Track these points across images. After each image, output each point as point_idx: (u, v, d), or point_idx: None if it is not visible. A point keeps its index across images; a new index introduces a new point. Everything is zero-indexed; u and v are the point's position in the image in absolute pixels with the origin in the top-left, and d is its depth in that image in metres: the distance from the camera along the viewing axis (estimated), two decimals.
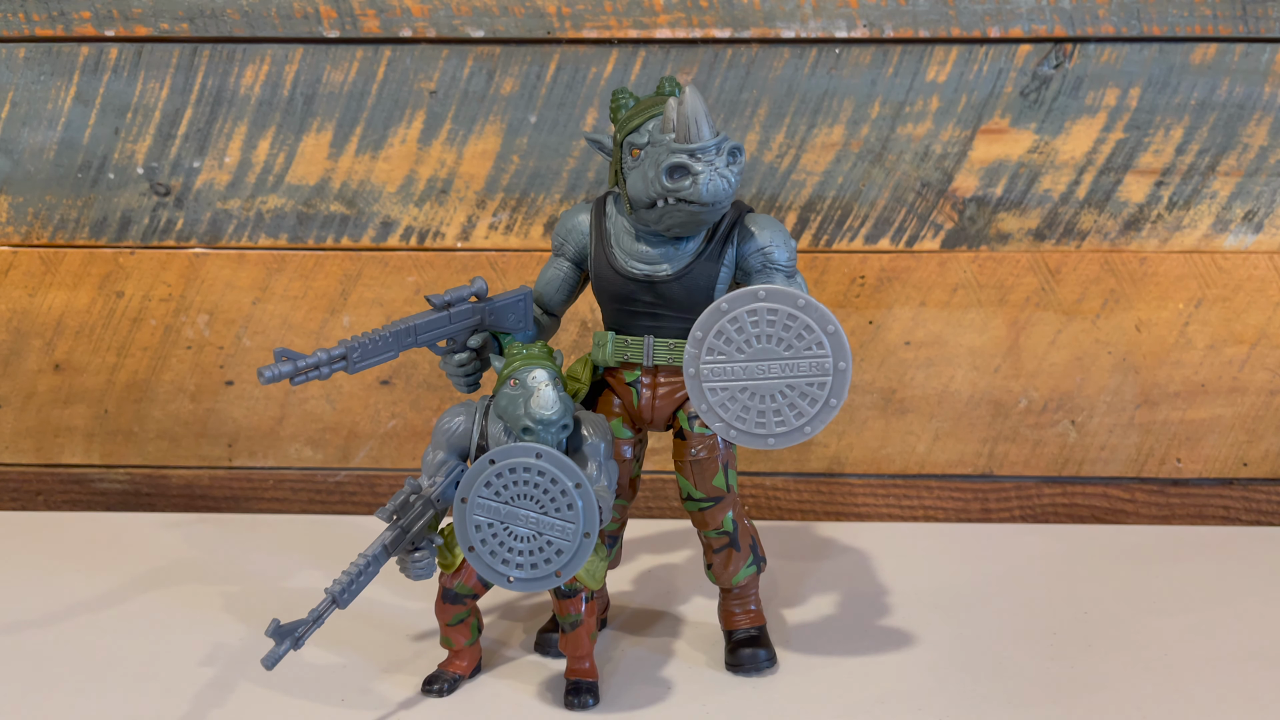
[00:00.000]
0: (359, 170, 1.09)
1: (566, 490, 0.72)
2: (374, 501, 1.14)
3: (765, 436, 0.74)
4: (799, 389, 0.73)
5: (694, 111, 0.73)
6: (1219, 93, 1.03)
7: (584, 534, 0.72)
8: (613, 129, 0.81)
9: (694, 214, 0.75)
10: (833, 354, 0.72)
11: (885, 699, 0.80)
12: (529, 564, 0.73)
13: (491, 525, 0.73)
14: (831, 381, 0.72)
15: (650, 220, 0.77)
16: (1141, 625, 0.89)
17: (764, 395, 0.73)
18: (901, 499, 1.11)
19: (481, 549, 0.73)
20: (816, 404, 0.73)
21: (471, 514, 0.73)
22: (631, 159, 0.78)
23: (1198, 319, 1.07)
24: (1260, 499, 1.09)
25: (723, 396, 0.74)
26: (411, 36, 1.06)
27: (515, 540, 0.73)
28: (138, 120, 1.09)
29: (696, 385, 0.74)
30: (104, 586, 0.96)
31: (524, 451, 0.72)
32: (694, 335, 0.74)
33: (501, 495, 0.72)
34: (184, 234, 1.11)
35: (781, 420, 0.74)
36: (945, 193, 1.06)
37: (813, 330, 0.72)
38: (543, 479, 0.72)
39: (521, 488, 0.72)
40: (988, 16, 1.03)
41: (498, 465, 0.72)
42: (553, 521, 0.72)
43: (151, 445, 1.14)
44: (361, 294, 1.11)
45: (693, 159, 0.73)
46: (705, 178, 0.73)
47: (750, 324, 0.73)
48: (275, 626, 0.72)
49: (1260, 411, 1.08)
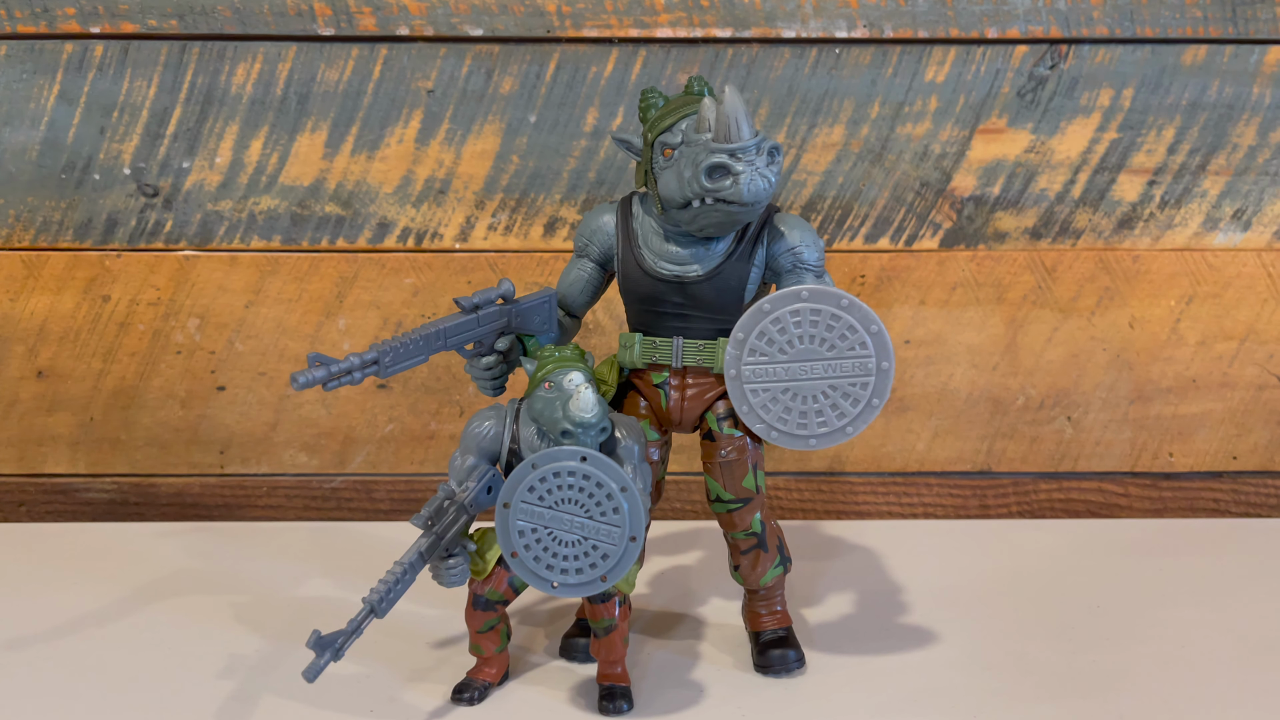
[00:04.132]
0: (355, 170, 1.07)
1: (612, 494, 0.71)
2: (371, 508, 1.12)
3: (807, 437, 0.74)
4: (841, 389, 0.73)
5: (734, 110, 0.73)
6: (1209, 93, 1.06)
7: (630, 538, 0.71)
8: (642, 129, 0.80)
9: (732, 214, 0.74)
10: (876, 353, 0.72)
11: (917, 698, 0.80)
12: (574, 569, 0.72)
13: (535, 530, 0.72)
14: (874, 381, 0.73)
15: (683, 220, 0.77)
16: (1154, 618, 0.90)
17: (806, 396, 0.73)
18: (901, 496, 1.12)
19: (525, 554, 0.72)
20: (859, 404, 0.73)
21: (514, 519, 0.72)
22: (664, 159, 0.77)
23: (1189, 315, 1.09)
24: (1249, 491, 1.12)
25: (764, 398, 0.74)
26: (409, 35, 1.04)
27: (559, 545, 0.72)
28: (124, 119, 1.06)
29: (738, 386, 0.74)
30: (105, 599, 0.94)
31: (568, 455, 0.71)
32: (735, 336, 0.74)
33: (545, 500, 0.72)
34: (173, 236, 1.08)
35: (823, 421, 0.73)
36: (944, 192, 1.07)
37: (856, 330, 0.72)
38: (588, 483, 0.71)
39: (566, 492, 0.71)
40: (985, 17, 1.04)
41: (541, 470, 0.71)
42: (598, 526, 0.71)
43: (139, 453, 1.11)
44: (358, 296, 1.09)
45: (733, 159, 0.73)
46: (746, 178, 0.73)
47: (793, 324, 0.73)
48: (316, 638, 0.70)
49: (1249, 406, 1.10)
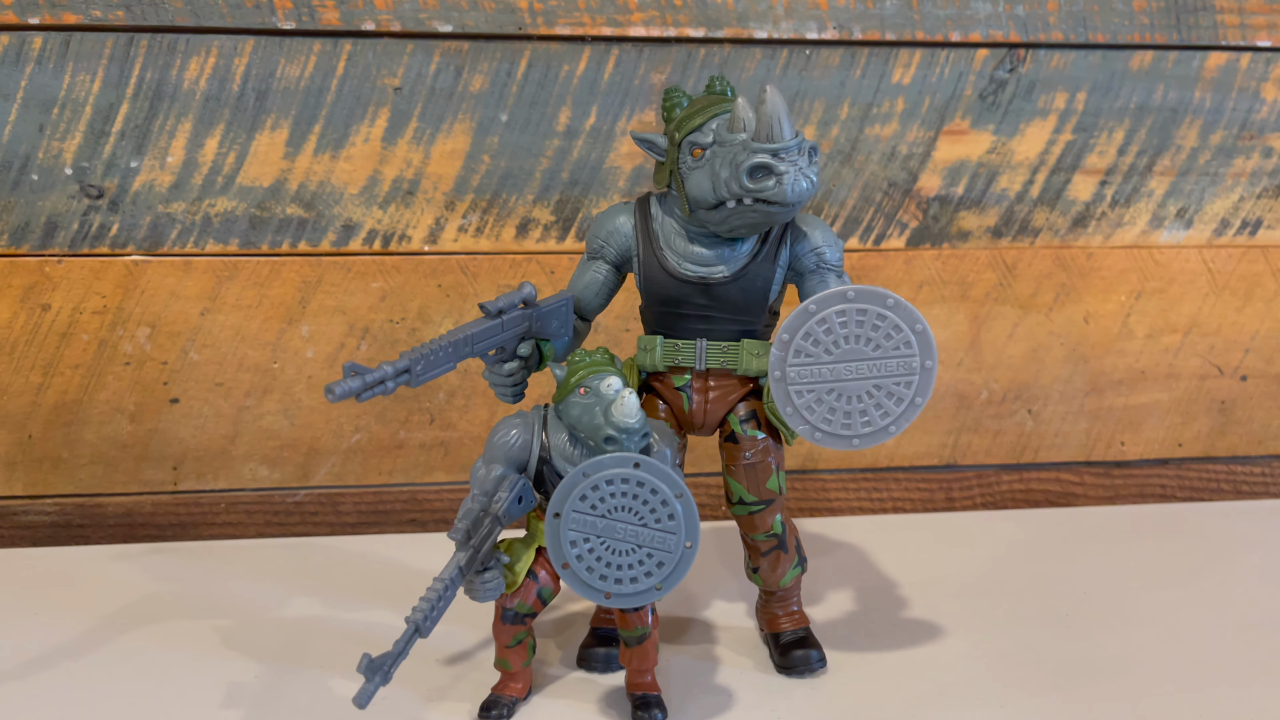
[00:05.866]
0: (318, 171, 1.03)
1: (667, 500, 0.70)
2: (337, 521, 1.08)
3: (850, 437, 0.74)
4: (885, 388, 0.73)
5: (776, 111, 0.73)
6: (1155, 97, 1.10)
7: (685, 544, 0.70)
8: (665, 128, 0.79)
9: (771, 214, 0.74)
10: (920, 352, 0.73)
11: (944, 691, 0.81)
12: (629, 578, 0.70)
13: (588, 540, 0.70)
14: (918, 380, 0.73)
15: (712, 221, 0.76)
16: (1139, 602, 0.94)
17: (850, 396, 0.73)
18: (872, 492, 1.13)
19: (577, 565, 0.70)
20: (902, 403, 0.73)
21: (566, 529, 0.70)
22: (693, 159, 0.76)
23: (1138, 310, 1.13)
24: (1193, 477, 1.17)
25: (809, 399, 0.73)
26: (374, 30, 1.01)
27: (613, 555, 0.70)
28: (65, 116, 1.00)
29: (782, 388, 0.73)
30: (73, 629, 0.88)
31: (620, 462, 0.69)
32: (780, 338, 0.73)
33: (598, 509, 0.70)
34: (120, 240, 1.02)
35: (867, 420, 0.74)
36: (910, 192, 1.09)
37: (901, 330, 0.72)
38: (642, 489, 0.70)
39: (620, 499, 0.70)
40: (949, 21, 1.06)
41: (593, 478, 0.69)
42: (653, 533, 0.70)
43: (84, 472, 1.04)
44: (322, 302, 1.05)
45: (776, 159, 0.72)
46: (790, 178, 0.72)
47: (839, 324, 0.72)
48: (368, 662, 0.67)
49: (1193, 395, 1.15)
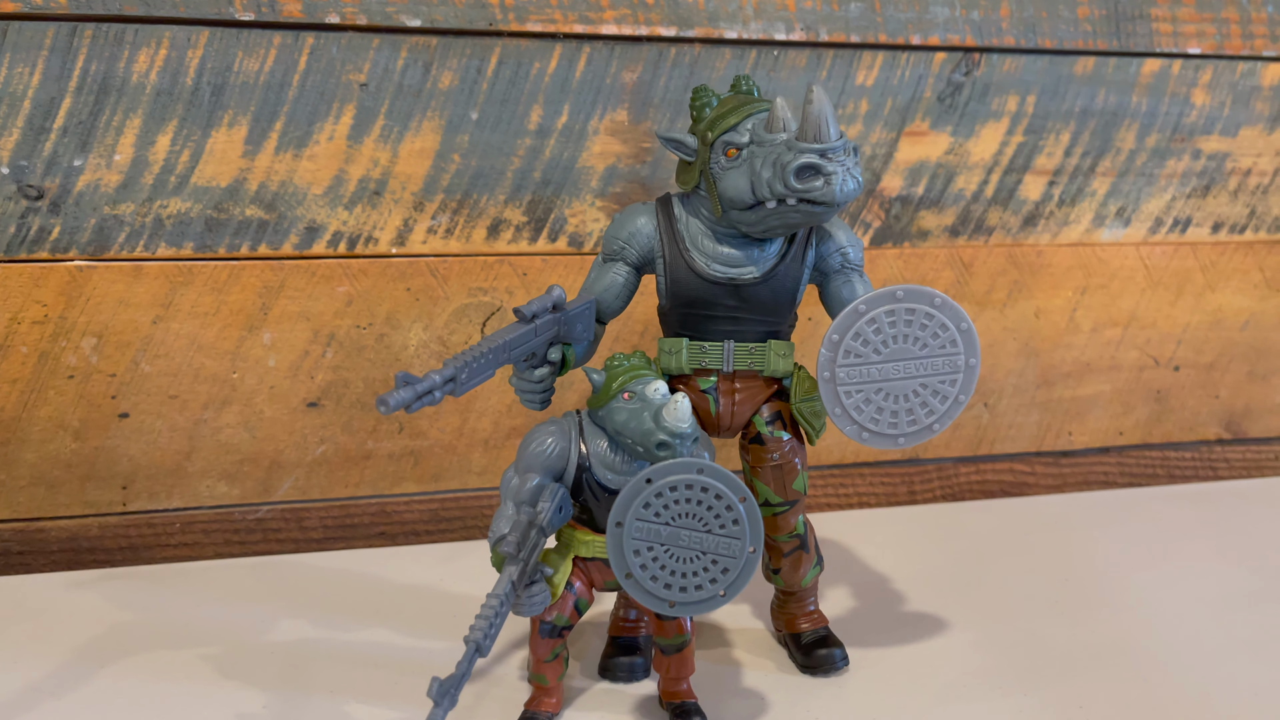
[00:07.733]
0: (279, 170, 0.98)
1: (732, 505, 0.68)
2: (302, 538, 1.02)
3: (896, 436, 0.74)
4: (931, 387, 0.74)
5: (822, 111, 0.72)
6: (1097, 101, 1.14)
7: (750, 550, 0.69)
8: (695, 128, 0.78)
9: (814, 214, 0.73)
10: (965, 350, 0.73)
11: (966, 681, 0.82)
12: (693, 586, 0.69)
13: (651, 549, 0.68)
14: (962, 378, 0.74)
15: (747, 221, 0.75)
16: (1117, 586, 0.97)
17: (897, 395, 0.73)
18: (838, 488, 1.14)
19: (641, 575, 0.68)
20: (947, 401, 0.74)
21: (629, 539, 0.68)
22: (727, 159, 0.75)
23: (1083, 305, 1.17)
24: (1131, 463, 1.22)
25: (858, 399, 0.73)
26: (339, 23, 0.96)
27: (677, 563, 0.68)
28: (2, 111, 0.92)
29: (831, 389, 0.73)
30: (46, 664, 0.81)
31: (684, 468, 0.68)
32: (829, 339, 0.73)
33: (662, 516, 0.68)
34: (61, 244, 0.95)
35: (913, 419, 0.74)
36: (874, 192, 1.10)
37: (947, 328, 0.73)
38: (706, 495, 0.68)
39: (684, 506, 0.68)
40: (910, 24, 1.08)
41: (656, 484, 0.68)
42: (718, 539, 0.68)
43: (23, 494, 0.97)
44: (285, 307, 0.99)
45: (824, 159, 0.72)
46: (839, 178, 0.72)
47: (888, 324, 0.72)
48: (438, 686, 0.64)
49: (1132, 385, 1.20)
